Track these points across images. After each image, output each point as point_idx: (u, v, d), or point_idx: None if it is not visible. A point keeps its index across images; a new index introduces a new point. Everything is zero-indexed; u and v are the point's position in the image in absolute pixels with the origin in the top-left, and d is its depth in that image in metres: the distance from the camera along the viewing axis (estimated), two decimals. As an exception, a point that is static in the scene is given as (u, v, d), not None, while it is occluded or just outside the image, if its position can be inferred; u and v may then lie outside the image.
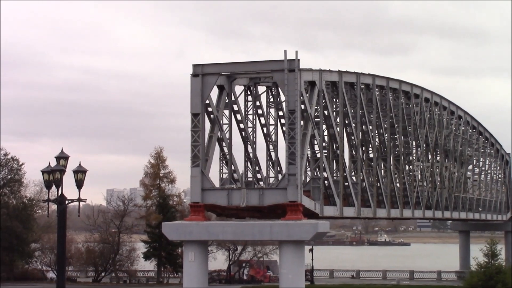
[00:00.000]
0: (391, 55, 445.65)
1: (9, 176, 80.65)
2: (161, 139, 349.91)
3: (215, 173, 56.44)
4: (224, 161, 57.15)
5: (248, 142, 58.92)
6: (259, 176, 59.50)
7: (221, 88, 55.81)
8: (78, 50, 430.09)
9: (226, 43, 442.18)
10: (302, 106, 54.22)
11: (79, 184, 29.20)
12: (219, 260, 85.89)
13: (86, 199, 30.25)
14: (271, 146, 60.29)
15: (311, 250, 77.62)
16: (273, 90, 59.24)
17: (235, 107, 57.75)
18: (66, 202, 29.28)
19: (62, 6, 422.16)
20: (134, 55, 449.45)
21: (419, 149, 76.65)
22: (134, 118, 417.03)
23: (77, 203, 29.59)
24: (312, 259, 78.45)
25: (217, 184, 55.89)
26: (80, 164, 29.63)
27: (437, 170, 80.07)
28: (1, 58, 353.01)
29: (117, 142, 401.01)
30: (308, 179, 57.58)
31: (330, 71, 60.30)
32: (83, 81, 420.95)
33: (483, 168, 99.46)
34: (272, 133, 60.16)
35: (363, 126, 65.51)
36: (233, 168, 57.23)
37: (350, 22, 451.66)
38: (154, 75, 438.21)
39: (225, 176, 57.04)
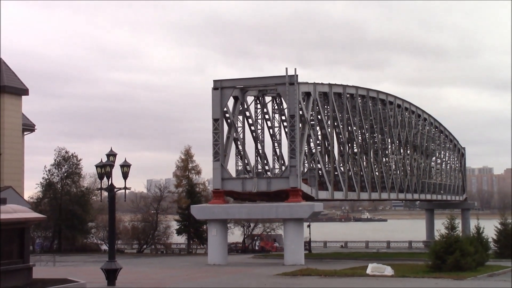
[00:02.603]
0: (369, 70, 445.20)
1: (70, 170, 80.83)
2: (189, 139, 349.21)
3: (232, 166, 56.51)
4: (239, 156, 57.20)
5: (258, 141, 58.98)
6: (266, 167, 59.48)
7: (236, 98, 55.90)
8: (120, 68, 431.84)
9: (236, 60, 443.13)
10: (300, 112, 54.18)
11: (125, 175, 29.19)
12: (236, 235, 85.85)
13: (130, 187, 30.21)
14: (276, 144, 60.25)
15: (308, 226, 77.39)
16: (277, 99, 59.20)
17: (247, 113, 57.83)
18: (115, 190, 29.26)
19: (107, 33, 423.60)
20: (163, 72, 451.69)
21: (393, 145, 76.58)
22: (166, 122, 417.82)
23: (123, 190, 29.58)
24: (310, 233, 78.21)
25: (233, 174, 55.94)
26: (125, 160, 29.61)
27: (407, 161, 79.98)
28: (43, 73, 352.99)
29: (153, 141, 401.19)
30: (305, 170, 57.57)
31: (322, 83, 60.32)
32: (125, 93, 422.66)
33: (444, 159, 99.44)
34: (276, 134, 60.11)
35: (349, 127, 65.50)
36: (246, 161, 57.26)
37: (336, 43, 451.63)
38: (180, 87, 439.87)
39: (239, 168, 57.08)
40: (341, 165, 64.41)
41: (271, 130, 60.17)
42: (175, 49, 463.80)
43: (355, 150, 67.10)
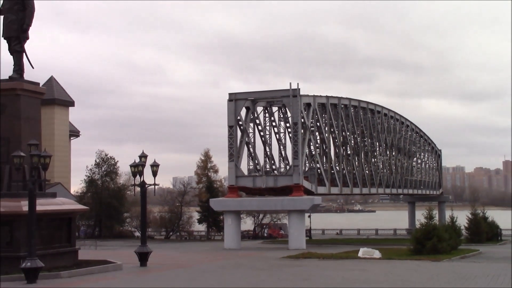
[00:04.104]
0: (360, 83, 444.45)
1: (109, 169, 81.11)
2: (207, 142, 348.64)
3: (244, 166, 56.58)
4: (250, 157, 57.27)
5: (266, 144, 59.02)
6: (274, 167, 59.51)
7: (247, 108, 55.99)
8: (148, 82, 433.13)
9: (245, 76, 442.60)
10: (302, 120, 54.22)
11: (154, 174, 29.28)
12: (248, 223, 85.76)
13: (159, 184, 30.30)
14: (281, 147, 60.31)
15: (309, 216, 77.20)
16: (282, 109, 59.26)
17: (257, 121, 57.90)
18: (146, 186, 29.36)
19: (137, 53, 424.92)
20: (184, 85, 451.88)
21: (380, 147, 76.45)
22: (188, 128, 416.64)
23: (153, 186, 29.67)
24: (310, 222, 78.01)
25: (246, 172, 56.01)
26: (154, 160, 29.72)
27: (392, 161, 79.82)
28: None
29: (177, 145, 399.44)
30: (306, 169, 57.57)
31: (320, 96, 60.34)
32: (152, 104, 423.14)
33: (423, 160, 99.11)
34: (282, 138, 60.18)
35: (343, 133, 65.45)
36: (256, 162, 57.32)
37: (331, 60, 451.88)
38: (198, 98, 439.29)
39: (251, 167, 57.14)
40: (337, 164, 64.35)
41: (277, 135, 60.24)
42: (194, 66, 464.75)
43: (349, 152, 67.02)
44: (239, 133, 55.01)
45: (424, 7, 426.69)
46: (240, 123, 55.08)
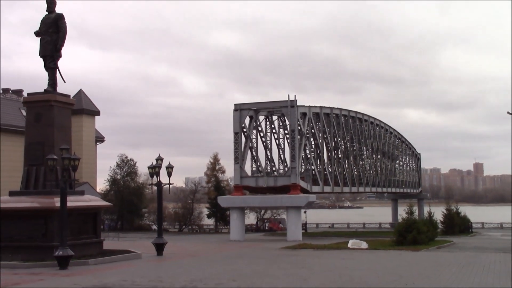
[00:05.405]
0: (349, 95, 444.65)
1: (129, 170, 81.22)
2: (216, 147, 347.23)
3: (248, 167, 56.64)
4: (253, 160, 57.35)
5: (267, 149, 59.09)
6: (274, 168, 59.56)
7: (251, 117, 56.10)
8: (161, 93, 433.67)
9: (247, 88, 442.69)
10: (299, 127, 54.33)
11: (169, 174, 29.41)
12: (251, 218, 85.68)
13: (173, 183, 30.39)
14: (280, 151, 60.38)
15: (305, 212, 77.07)
16: (281, 118, 59.38)
17: (259, 128, 58.00)
18: (162, 185, 29.48)
19: (152, 67, 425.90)
20: (194, 96, 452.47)
21: (367, 151, 76.46)
22: (197, 134, 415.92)
23: (168, 185, 29.78)
24: (306, 217, 77.91)
25: (249, 173, 56.09)
26: (169, 163, 29.83)
27: (378, 163, 79.81)
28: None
29: (189, 149, 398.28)
30: (303, 170, 57.63)
31: (314, 106, 60.43)
32: (166, 113, 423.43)
33: (404, 162, 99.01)
34: (281, 143, 60.26)
35: (335, 138, 65.49)
36: (258, 164, 57.39)
37: (324, 74, 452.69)
38: (206, 108, 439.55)
39: (254, 169, 57.21)
40: (329, 166, 64.39)
41: (277, 141, 60.34)
42: (202, 79, 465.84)
43: (340, 155, 67.05)
44: (243, 139, 55.15)
45: (405, 28, 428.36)
46: (244, 130, 55.22)
